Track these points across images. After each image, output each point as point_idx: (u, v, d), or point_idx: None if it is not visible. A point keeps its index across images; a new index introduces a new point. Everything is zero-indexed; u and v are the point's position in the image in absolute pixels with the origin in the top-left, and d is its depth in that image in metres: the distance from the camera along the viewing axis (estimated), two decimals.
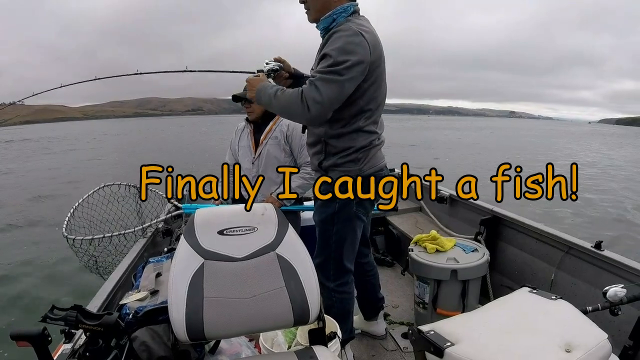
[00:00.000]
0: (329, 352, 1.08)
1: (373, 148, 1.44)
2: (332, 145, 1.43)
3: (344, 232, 1.48)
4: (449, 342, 0.93)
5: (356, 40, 1.25)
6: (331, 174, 1.44)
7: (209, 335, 0.97)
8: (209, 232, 1.06)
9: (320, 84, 1.25)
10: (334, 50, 1.26)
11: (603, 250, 1.66)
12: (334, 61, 1.25)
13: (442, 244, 1.98)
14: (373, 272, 1.82)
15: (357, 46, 1.25)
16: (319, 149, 1.47)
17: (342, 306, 1.53)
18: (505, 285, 2.08)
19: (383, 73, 1.39)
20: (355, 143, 1.40)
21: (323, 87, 1.25)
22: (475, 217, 2.34)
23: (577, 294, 1.73)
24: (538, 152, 19.44)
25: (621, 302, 1.16)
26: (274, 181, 2.11)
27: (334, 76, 1.24)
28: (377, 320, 1.90)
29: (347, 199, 1.43)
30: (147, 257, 1.93)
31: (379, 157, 1.48)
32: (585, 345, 0.88)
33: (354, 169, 1.42)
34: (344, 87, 1.27)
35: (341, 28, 1.30)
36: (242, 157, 2.23)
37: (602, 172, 13.94)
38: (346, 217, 1.46)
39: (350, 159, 1.41)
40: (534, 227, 2.00)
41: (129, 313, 1.35)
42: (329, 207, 1.46)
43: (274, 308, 1.01)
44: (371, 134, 1.42)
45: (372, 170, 1.44)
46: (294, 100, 1.29)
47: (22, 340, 0.89)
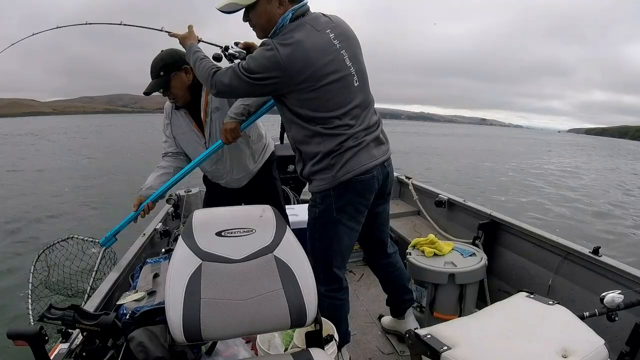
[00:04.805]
0: (326, 355, 1.08)
1: (347, 151, 1.34)
2: (304, 152, 1.41)
3: (327, 238, 1.45)
4: (445, 346, 0.93)
5: (267, 54, 1.27)
6: (313, 183, 1.42)
7: (205, 337, 0.97)
8: (207, 233, 1.07)
9: (230, 71, 1.34)
10: (250, 58, 1.32)
11: (601, 256, 1.66)
12: (247, 66, 1.30)
13: (440, 247, 1.98)
14: (396, 273, 1.77)
15: (267, 61, 1.27)
16: (297, 157, 1.46)
17: (333, 311, 1.50)
18: (503, 289, 2.08)
19: (338, 81, 1.32)
20: (322, 147, 1.35)
21: (232, 75, 1.33)
22: (473, 221, 2.34)
23: (575, 300, 1.73)
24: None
25: (618, 308, 1.16)
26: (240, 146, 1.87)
27: (240, 73, 1.30)
28: (405, 318, 1.87)
29: (326, 205, 1.40)
30: (144, 258, 1.93)
31: (358, 160, 1.36)
32: (582, 351, 0.89)
33: (328, 175, 1.36)
34: (247, 86, 1.32)
35: (263, 42, 1.31)
36: (187, 145, 1.89)
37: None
38: (327, 223, 1.43)
39: (324, 166, 1.36)
40: (532, 232, 2.00)
41: (126, 313, 1.35)
42: (311, 212, 1.46)
43: (271, 310, 1.01)
44: (338, 137, 1.34)
45: (350, 175, 1.35)
46: (209, 70, 1.40)
47: (19, 340, 0.89)
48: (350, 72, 1.36)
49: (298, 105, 1.33)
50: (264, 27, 1.35)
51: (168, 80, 1.70)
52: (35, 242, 4.83)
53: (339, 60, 1.33)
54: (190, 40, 1.55)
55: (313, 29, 1.30)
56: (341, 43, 1.34)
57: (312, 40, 1.28)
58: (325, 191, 1.39)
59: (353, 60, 1.36)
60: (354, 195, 1.40)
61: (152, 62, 1.72)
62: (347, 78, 1.35)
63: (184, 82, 1.73)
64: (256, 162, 1.97)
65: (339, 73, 1.32)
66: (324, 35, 1.31)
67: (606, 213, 8.48)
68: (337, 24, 1.37)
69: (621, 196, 10.95)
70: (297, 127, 1.38)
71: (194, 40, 1.55)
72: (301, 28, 1.29)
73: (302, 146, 1.40)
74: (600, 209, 8.79)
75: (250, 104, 1.67)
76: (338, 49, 1.33)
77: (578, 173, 16.05)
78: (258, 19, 1.34)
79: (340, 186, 1.37)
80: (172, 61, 1.70)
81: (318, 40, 1.30)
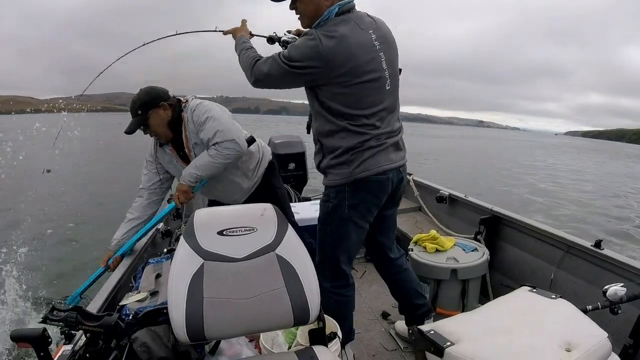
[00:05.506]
0: (329, 352, 1.08)
1: (367, 150, 1.38)
2: (325, 145, 1.43)
3: (337, 234, 1.46)
4: (449, 341, 0.93)
5: (310, 44, 1.29)
6: (328, 177, 1.44)
7: (209, 336, 0.97)
8: (209, 232, 1.06)
9: (271, 60, 1.35)
10: (292, 47, 1.33)
11: (603, 249, 1.66)
12: (288, 54, 1.32)
13: (441, 243, 1.98)
14: (402, 275, 1.72)
15: (310, 50, 1.28)
16: (317, 148, 1.48)
17: (338, 308, 1.51)
18: (505, 284, 2.08)
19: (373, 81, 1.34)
20: (344, 143, 1.37)
21: (272, 64, 1.34)
22: (474, 216, 2.34)
23: (577, 293, 1.73)
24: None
25: (621, 301, 1.16)
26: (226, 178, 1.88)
27: (281, 61, 1.32)
28: None
29: (339, 201, 1.42)
30: (146, 258, 1.93)
31: (376, 160, 1.39)
32: (585, 344, 0.88)
33: (345, 171, 1.39)
34: (286, 74, 1.33)
35: (307, 32, 1.34)
36: (177, 174, 1.89)
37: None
38: (339, 220, 1.44)
39: (342, 161, 1.38)
40: (533, 227, 2.00)
41: (129, 314, 1.35)
42: (324, 206, 1.47)
43: (274, 308, 1.01)
44: (362, 135, 1.37)
45: (366, 173, 1.38)
46: (252, 60, 1.42)
47: (23, 341, 0.89)
48: (385, 74, 1.38)
49: (330, 98, 1.35)
50: (310, 16, 1.38)
51: (146, 118, 1.73)
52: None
53: (377, 61, 1.36)
54: (240, 32, 1.59)
55: (357, 26, 1.34)
56: (381, 45, 1.37)
57: (355, 36, 1.31)
58: (340, 186, 1.41)
59: (389, 64, 1.39)
60: (368, 194, 1.42)
61: (130, 101, 1.76)
62: (381, 80, 1.37)
63: (163, 118, 1.75)
64: (251, 179, 1.96)
65: (375, 73, 1.35)
66: (366, 34, 1.35)
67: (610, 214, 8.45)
68: (379, 26, 1.40)
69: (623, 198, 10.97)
70: (323, 120, 1.40)
71: (244, 33, 1.59)
72: (346, 23, 1.33)
73: (324, 139, 1.42)
74: (606, 210, 8.77)
75: (201, 175, 1.74)
76: (377, 50, 1.36)
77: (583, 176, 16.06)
78: (305, 7, 1.38)
79: (356, 183, 1.39)
80: (149, 99, 1.73)
81: (361, 38, 1.33)
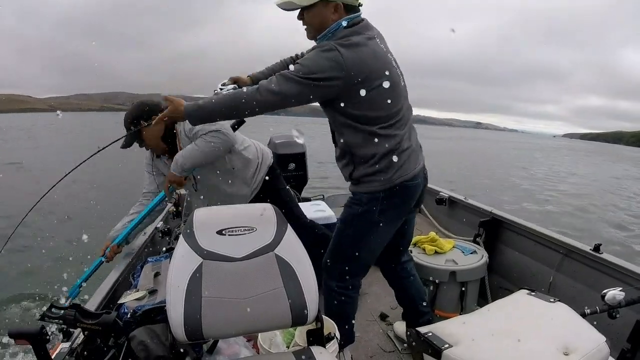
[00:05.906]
0: (327, 353, 1.08)
1: (403, 152, 1.37)
2: (356, 155, 1.40)
3: (359, 238, 1.44)
4: (447, 343, 0.93)
5: (328, 55, 1.25)
6: (361, 185, 1.41)
7: (207, 335, 0.97)
8: (208, 231, 1.06)
9: (278, 77, 1.26)
10: (305, 60, 1.28)
11: (602, 253, 1.66)
12: (301, 68, 1.25)
13: (440, 245, 1.98)
14: (409, 280, 1.71)
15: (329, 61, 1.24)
16: (347, 161, 1.44)
17: (341, 308, 1.50)
18: (504, 287, 2.08)
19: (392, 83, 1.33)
20: (378, 149, 1.35)
21: (281, 82, 1.25)
22: (474, 219, 2.34)
23: (576, 297, 1.73)
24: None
25: (619, 305, 1.16)
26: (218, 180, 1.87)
27: (295, 76, 1.25)
28: None
29: (370, 207, 1.39)
30: (145, 257, 1.93)
31: (409, 165, 1.39)
32: (583, 348, 0.89)
33: (383, 178, 1.37)
34: (303, 89, 1.25)
35: (321, 44, 1.31)
36: None
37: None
38: (367, 223, 1.42)
39: (379, 169, 1.37)
40: (532, 230, 2.00)
41: (127, 312, 1.35)
42: (352, 208, 1.44)
43: (272, 308, 1.01)
44: (393, 137, 1.36)
45: (402, 179, 1.37)
46: (239, 92, 1.30)
47: (21, 339, 0.90)
48: (400, 80, 1.40)
49: (353, 107, 1.33)
50: (316, 28, 1.37)
51: (140, 133, 1.74)
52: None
53: (392, 67, 1.37)
54: (180, 104, 1.37)
55: (368, 35, 1.35)
56: (387, 50, 1.39)
57: (370, 44, 1.32)
58: (375, 193, 1.39)
59: (397, 65, 1.41)
60: (400, 200, 1.41)
61: (124, 117, 1.77)
62: (399, 84, 1.39)
63: (155, 132, 1.76)
64: (250, 185, 1.95)
65: (392, 78, 1.35)
66: (376, 41, 1.36)
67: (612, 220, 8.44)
68: (382, 38, 1.42)
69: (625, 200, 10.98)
70: (351, 131, 1.38)
71: (181, 102, 1.38)
72: (358, 33, 1.33)
73: (357, 149, 1.39)
74: (605, 215, 8.77)
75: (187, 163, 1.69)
76: (387, 52, 1.38)
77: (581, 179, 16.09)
78: (312, 19, 1.36)
79: (391, 189, 1.37)
80: (140, 113, 1.73)
81: (375, 47, 1.34)
